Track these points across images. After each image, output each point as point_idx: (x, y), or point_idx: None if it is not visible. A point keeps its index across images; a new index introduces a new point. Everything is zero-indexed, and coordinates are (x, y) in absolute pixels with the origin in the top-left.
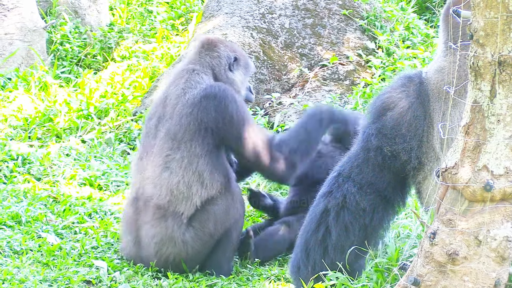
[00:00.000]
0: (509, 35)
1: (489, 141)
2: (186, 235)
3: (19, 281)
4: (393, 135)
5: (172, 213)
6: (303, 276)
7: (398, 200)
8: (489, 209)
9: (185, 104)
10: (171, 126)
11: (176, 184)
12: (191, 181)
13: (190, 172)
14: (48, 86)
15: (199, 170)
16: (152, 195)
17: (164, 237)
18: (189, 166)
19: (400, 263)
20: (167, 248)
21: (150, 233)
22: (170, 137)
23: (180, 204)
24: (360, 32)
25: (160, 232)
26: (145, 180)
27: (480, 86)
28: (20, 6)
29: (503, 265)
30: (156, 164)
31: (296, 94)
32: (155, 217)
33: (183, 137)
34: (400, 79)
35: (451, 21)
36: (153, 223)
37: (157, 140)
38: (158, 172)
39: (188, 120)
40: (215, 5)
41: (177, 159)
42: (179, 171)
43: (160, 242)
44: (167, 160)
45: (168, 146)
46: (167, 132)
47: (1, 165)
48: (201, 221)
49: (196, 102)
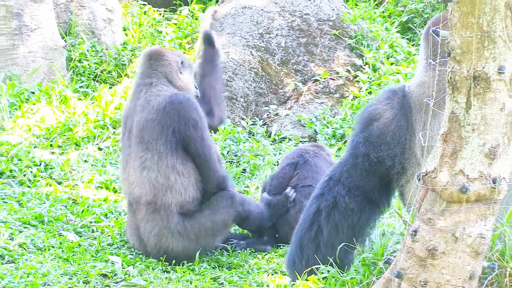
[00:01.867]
0: (483, 52)
1: (465, 148)
2: (180, 224)
3: (42, 274)
4: (379, 143)
5: (162, 205)
6: (298, 270)
7: (383, 201)
8: (465, 209)
9: (150, 111)
10: (139, 132)
11: (155, 178)
12: (167, 172)
13: (163, 166)
14: (68, 99)
15: (170, 163)
16: (140, 195)
17: (161, 228)
18: (160, 161)
19: (385, 258)
20: (166, 238)
21: (147, 228)
22: (140, 141)
23: (165, 195)
24: (349, 50)
25: (156, 224)
26: (132, 184)
27: (457, 98)
28: (42, 27)
29: (477, 259)
30: (135, 167)
31: (291, 106)
32: (148, 212)
33: (149, 138)
34: (385, 92)
35: (431, 40)
36: (148, 218)
37: (132, 148)
38: (139, 173)
39: (153, 124)
40: (218, 26)
41: (149, 157)
42: (154, 167)
43: (158, 234)
44: (142, 161)
45: (141, 149)
46: (137, 137)
47: (25, 170)
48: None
49: (161, 108)
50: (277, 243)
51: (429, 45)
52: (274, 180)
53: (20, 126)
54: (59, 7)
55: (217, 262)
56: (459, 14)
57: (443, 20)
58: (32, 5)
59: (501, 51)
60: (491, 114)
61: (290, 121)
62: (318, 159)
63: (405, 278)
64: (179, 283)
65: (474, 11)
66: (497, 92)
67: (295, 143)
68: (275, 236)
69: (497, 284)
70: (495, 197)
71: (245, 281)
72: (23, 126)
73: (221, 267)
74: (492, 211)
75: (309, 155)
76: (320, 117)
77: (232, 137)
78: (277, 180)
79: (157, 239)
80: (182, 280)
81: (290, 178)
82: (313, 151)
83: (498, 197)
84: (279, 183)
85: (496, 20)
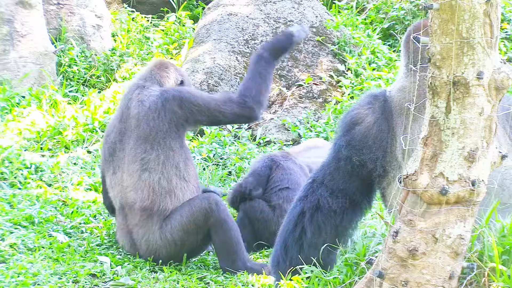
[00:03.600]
0: (462, 58)
1: (445, 151)
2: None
3: (33, 274)
4: (361, 147)
5: (157, 211)
6: (282, 270)
7: (365, 203)
8: (445, 211)
9: (147, 111)
10: (141, 133)
11: (157, 181)
12: (170, 174)
13: (168, 166)
14: (58, 103)
15: (175, 162)
16: (135, 200)
17: (150, 235)
18: (166, 160)
19: (367, 258)
20: (156, 244)
21: (140, 234)
22: (142, 142)
23: (164, 200)
24: (332, 56)
25: (147, 231)
26: (126, 189)
27: (437, 103)
28: (33, 33)
29: (457, 259)
30: (132, 171)
31: (276, 110)
32: (142, 219)
33: (155, 137)
34: (367, 97)
35: (411, 46)
36: (140, 225)
37: (126, 152)
38: (137, 177)
39: (157, 122)
40: (204, 32)
41: (153, 158)
42: (158, 168)
43: (148, 240)
44: (143, 163)
45: (142, 150)
46: (137, 139)
47: (16, 173)
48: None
49: (159, 107)
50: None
51: (410, 51)
52: (251, 177)
53: (11, 130)
54: (49, 14)
55: (204, 262)
56: (439, 21)
57: (424, 27)
58: (22, 11)
59: (480, 57)
60: (470, 118)
61: (274, 125)
62: (289, 162)
63: (387, 278)
64: (166, 282)
65: (454, 18)
66: (476, 97)
67: (279, 147)
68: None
69: (476, 283)
70: (474, 199)
71: (230, 281)
72: (14, 130)
73: (207, 267)
74: (471, 212)
75: (279, 159)
76: (303, 121)
77: (218, 141)
78: (253, 177)
79: (148, 244)
80: (169, 280)
81: (267, 177)
82: (281, 155)
83: (477, 199)
84: (256, 179)
85: (475, 27)
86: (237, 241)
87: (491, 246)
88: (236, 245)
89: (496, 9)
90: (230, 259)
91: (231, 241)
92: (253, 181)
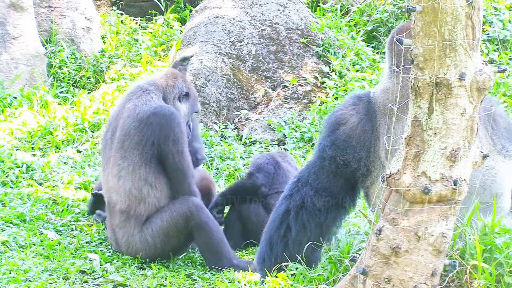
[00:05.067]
0: (444, 60)
1: (427, 151)
2: (146, 234)
3: (24, 271)
4: (345, 147)
5: (134, 215)
6: (267, 267)
7: (349, 202)
8: (427, 209)
9: (134, 118)
10: (121, 137)
11: (129, 190)
12: (140, 185)
13: (136, 177)
14: (49, 104)
15: (143, 176)
16: (116, 201)
17: (129, 237)
18: (133, 172)
19: (350, 255)
20: (134, 245)
21: (120, 234)
22: (120, 147)
23: (138, 206)
24: (317, 57)
25: (126, 233)
26: (110, 189)
27: (419, 104)
28: (24, 35)
29: (439, 257)
30: (113, 174)
31: (261, 111)
32: (121, 220)
33: (128, 146)
34: (351, 98)
35: (395, 48)
36: (121, 226)
37: (112, 151)
38: (116, 181)
39: (135, 131)
40: (191, 35)
41: (125, 167)
42: (128, 178)
43: (127, 241)
44: (119, 170)
45: (119, 155)
46: (118, 141)
47: (8, 172)
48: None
49: (144, 118)
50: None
51: (393, 53)
52: (259, 173)
53: (3, 130)
54: (40, 16)
55: (191, 259)
56: (422, 23)
57: (407, 29)
58: (14, 14)
59: (462, 59)
60: (452, 119)
61: (260, 125)
62: (287, 164)
63: (370, 275)
64: (154, 279)
65: (436, 20)
66: (458, 97)
67: (265, 146)
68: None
69: (458, 281)
70: (456, 198)
71: (217, 278)
72: (6, 130)
73: (194, 264)
74: (453, 211)
75: (280, 160)
76: (289, 121)
77: (205, 140)
78: (262, 173)
79: (127, 245)
80: (157, 277)
81: (272, 176)
82: (279, 156)
83: (459, 198)
84: (265, 176)
85: (457, 29)
86: (220, 240)
87: (473, 244)
88: (220, 244)
89: (478, 11)
90: (215, 258)
91: (214, 242)
92: (263, 177)
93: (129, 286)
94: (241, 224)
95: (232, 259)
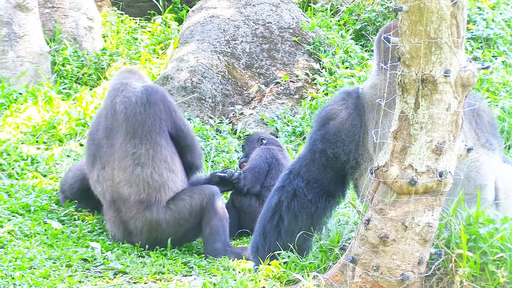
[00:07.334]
0: (430, 57)
1: (414, 145)
2: (167, 217)
3: (29, 259)
4: (335, 140)
5: (154, 202)
6: (261, 255)
7: (339, 193)
8: (414, 200)
9: (134, 105)
10: (129, 127)
11: (150, 175)
12: (161, 168)
13: (158, 161)
14: (52, 99)
15: (163, 156)
16: (129, 194)
17: (151, 224)
18: (155, 155)
19: (340, 244)
20: (155, 231)
21: (138, 226)
22: (131, 137)
23: (159, 192)
24: (308, 55)
25: (146, 222)
26: (118, 184)
27: (406, 99)
28: (29, 34)
29: (425, 246)
30: (124, 166)
31: (255, 106)
32: (139, 211)
33: (142, 131)
34: (341, 94)
35: (382, 46)
36: (138, 217)
37: (116, 148)
38: (130, 172)
39: (143, 116)
40: (188, 33)
41: (143, 153)
42: (149, 163)
43: (149, 230)
44: (135, 158)
45: (132, 145)
46: (126, 134)
47: (14, 164)
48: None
49: (144, 101)
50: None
51: (381, 51)
52: (249, 174)
53: (9, 124)
54: (44, 16)
55: (188, 248)
56: (408, 22)
57: (394, 28)
58: (20, 14)
59: (447, 56)
60: (437, 114)
61: (254, 120)
62: (284, 160)
63: (359, 263)
64: (153, 267)
65: (422, 19)
66: (443, 93)
67: None
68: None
69: (443, 269)
70: (442, 189)
71: (213, 265)
72: (12, 124)
73: (191, 253)
74: (439, 202)
75: (278, 156)
76: (281, 116)
77: (201, 134)
78: (252, 174)
79: (148, 234)
80: (156, 264)
81: (265, 175)
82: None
83: (444, 189)
84: (254, 177)
85: (442, 28)
86: (223, 227)
87: (458, 233)
88: (221, 229)
89: (462, 11)
90: (212, 240)
91: (217, 226)
92: (251, 178)
93: (129, 273)
94: (236, 213)
95: (226, 246)
